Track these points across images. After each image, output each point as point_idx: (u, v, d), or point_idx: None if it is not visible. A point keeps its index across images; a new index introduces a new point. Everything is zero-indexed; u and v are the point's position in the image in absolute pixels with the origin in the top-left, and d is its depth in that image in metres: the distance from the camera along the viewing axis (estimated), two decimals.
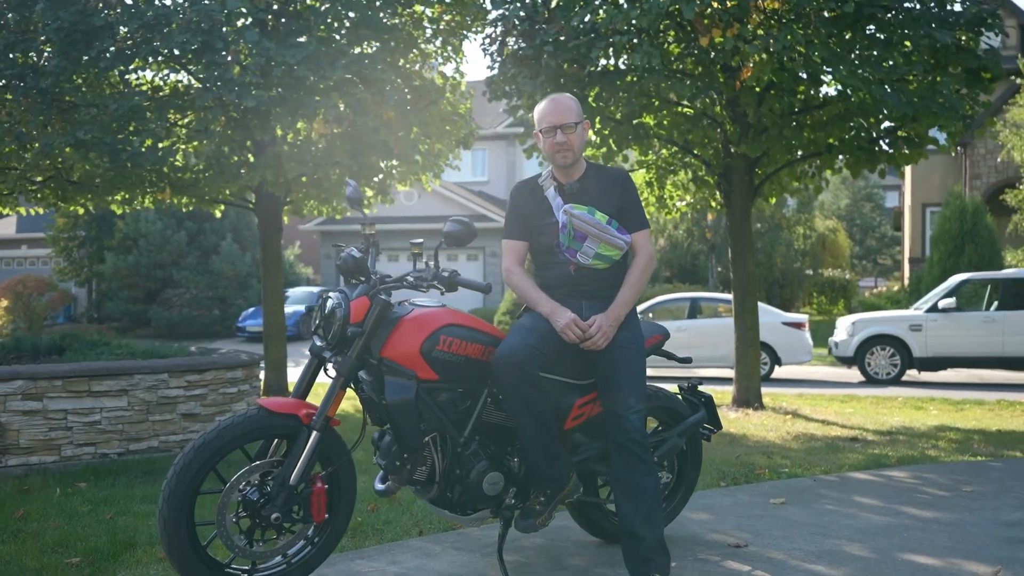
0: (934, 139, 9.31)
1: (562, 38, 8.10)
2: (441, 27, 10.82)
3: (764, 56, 8.01)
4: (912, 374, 15.10)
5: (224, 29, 9.03)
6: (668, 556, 3.42)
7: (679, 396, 4.25)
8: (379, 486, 3.65)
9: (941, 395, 11.87)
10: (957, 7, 8.35)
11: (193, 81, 10.34)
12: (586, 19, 8.18)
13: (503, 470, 3.61)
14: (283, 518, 3.30)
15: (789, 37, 7.54)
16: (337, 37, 9.81)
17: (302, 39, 9.31)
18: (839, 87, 8.87)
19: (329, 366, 3.45)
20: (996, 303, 14.74)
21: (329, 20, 9.69)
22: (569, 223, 3.63)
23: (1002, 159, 22.88)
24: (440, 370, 3.43)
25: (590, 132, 9.69)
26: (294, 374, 13.63)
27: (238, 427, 3.26)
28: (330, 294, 3.45)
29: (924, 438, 7.83)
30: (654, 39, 7.91)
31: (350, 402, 9.57)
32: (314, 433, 3.31)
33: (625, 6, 8.10)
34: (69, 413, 6.25)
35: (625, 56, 8.68)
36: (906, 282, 27.50)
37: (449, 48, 11.10)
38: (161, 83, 10.71)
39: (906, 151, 9.20)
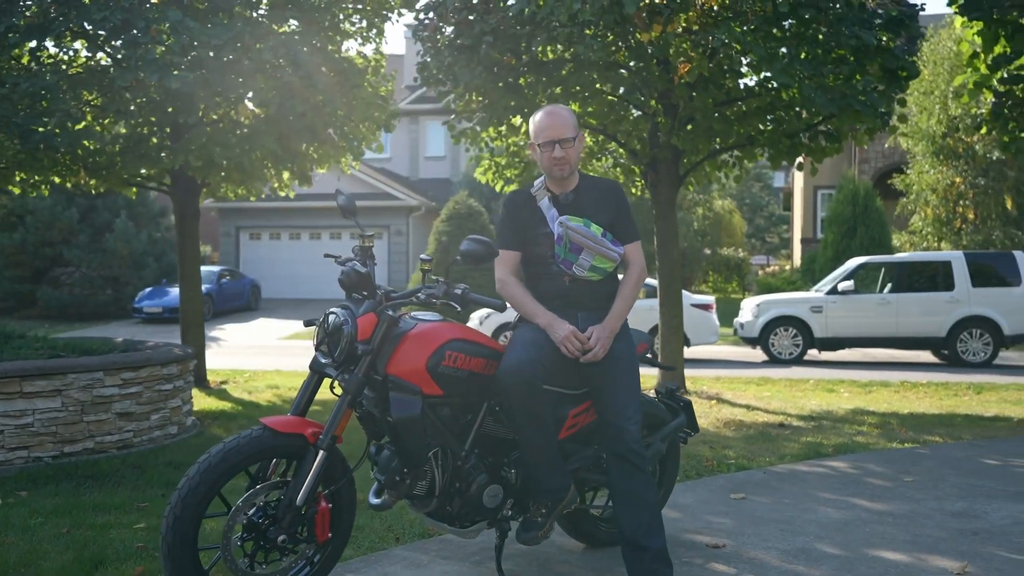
0: (849, 133, 9.68)
1: (502, 28, 8.07)
2: (366, 7, 10.59)
3: (697, 51, 8.16)
4: (813, 354, 15.73)
5: (145, 6, 8.65)
6: (671, 566, 3.50)
7: (658, 401, 4.33)
8: (374, 500, 3.61)
9: (847, 376, 12.41)
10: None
11: (105, 59, 9.88)
12: (524, 10, 8.13)
13: (501, 482, 3.62)
14: (288, 539, 3.24)
15: (726, 35, 7.69)
16: (255, 15, 9.52)
17: (219, 15, 9.01)
18: (755, 79, 9.13)
19: (333, 383, 3.38)
20: (890, 285, 15.48)
21: None
22: (565, 235, 3.65)
23: (889, 144, 23.93)
24: (445, 385, 3.41)
25: (517, 119, 9.70)
26: (212, 360, 13.27)
27: (244, 449, 3.17)
28: (334, 309, 3.38)
29: (846, 423, 8.18)
30: (595, 31, 7.94)
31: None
32: (321, 452, 3.25)
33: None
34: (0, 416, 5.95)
35: (558, 46, 8.70)
36: (797, 261, 28.55)
37: (373, 30, 10.90)
38: (65, 58, 10.18)
39: (825, 144, 9.54)
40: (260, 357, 15.56)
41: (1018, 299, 14.63)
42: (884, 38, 8.65)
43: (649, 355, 4.09)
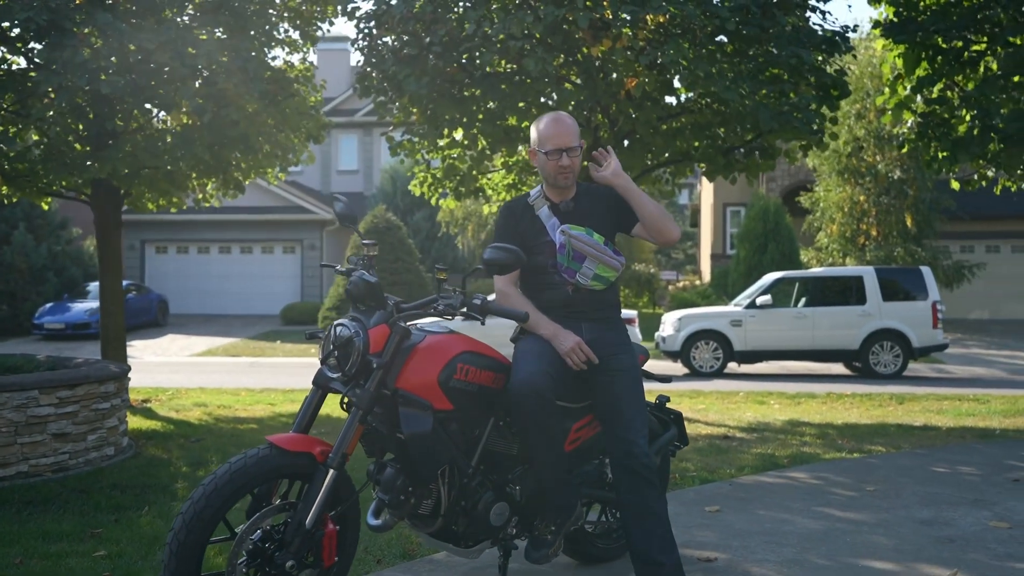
0: (781, 149, 9.92)
1: (447, 39, 7.97)
2: (297, 21, 10.35)
3: (640, 66, 8.21)
4: (732, 366, 16.01)
5: (71, 7, 8.25)
6: None
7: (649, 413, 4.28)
8: (373, 521, 3.45)
9: (773, 388, 12.66)
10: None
11: (18, 62, 9.39)
12: (469, 24, 8.04)
13: (507, 499, 3.51)
14: (296, 565, 3.06)
15: (672, 52, 7.77)
16: (180, 21, 9.19)
17: (148, 19, 8.68)
18: (693, 95, 9.26)
19: (343, 399, 3.22)
20: (804, 299, 15.91)
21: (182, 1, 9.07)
22: (568, 243, 3.59)
23: (795, 163, 24.67)
24: (455, 399, 3.29)
25: (458, 133, 9.61)
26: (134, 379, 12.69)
27: (251, 469, 2.99)
28: (342, 321, 3.22)
29: (787, 434, 8.31)
30: (546, 46, 7.92)
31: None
32: (331, 472, 3.09)
33: (504, 13, 8.05)
34: None
35: (503, 61, 8.65)
36: (707, 277, 29.14)
37: (305, 39, 10.67)
38: None
39: (759, 160, 9.74)
40: (175, 374, 15.01)
41: (924, 313, 15.19)
42: (820, 58, 8.89)
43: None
